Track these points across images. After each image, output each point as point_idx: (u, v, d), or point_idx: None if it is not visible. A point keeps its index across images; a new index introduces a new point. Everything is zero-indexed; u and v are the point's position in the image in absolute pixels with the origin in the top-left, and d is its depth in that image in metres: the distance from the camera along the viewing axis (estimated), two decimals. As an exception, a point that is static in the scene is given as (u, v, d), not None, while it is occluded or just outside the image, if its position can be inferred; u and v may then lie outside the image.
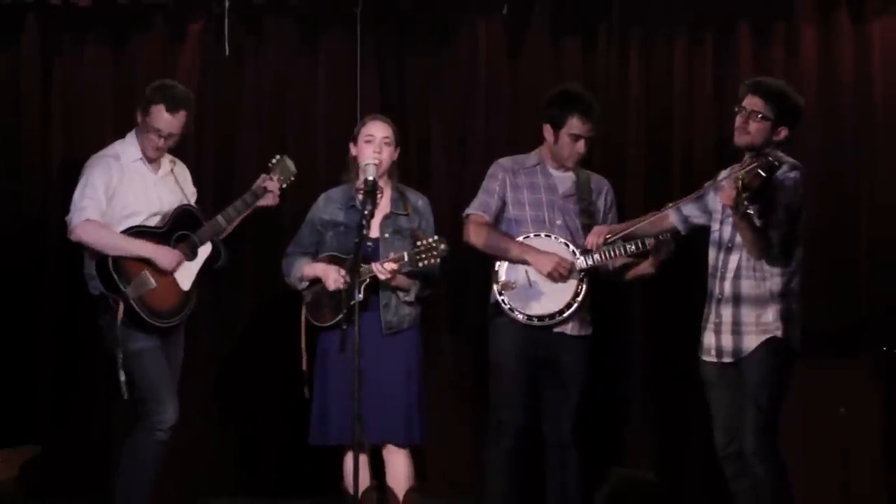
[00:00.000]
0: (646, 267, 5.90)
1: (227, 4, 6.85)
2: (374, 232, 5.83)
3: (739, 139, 5.55)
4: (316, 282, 5.92)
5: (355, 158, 5.96)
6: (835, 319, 6.57)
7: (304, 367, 5.89)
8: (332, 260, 5.89)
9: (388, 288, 5.82)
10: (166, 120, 5.90)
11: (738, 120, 5.54)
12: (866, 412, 6.60)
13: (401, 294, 5.85)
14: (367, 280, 5.72)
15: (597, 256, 5.87)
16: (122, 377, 5.78)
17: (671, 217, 5.78)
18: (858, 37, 6.66)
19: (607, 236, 5.79)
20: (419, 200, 6.02)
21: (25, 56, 7.00)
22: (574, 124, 5.92)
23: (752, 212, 5.23)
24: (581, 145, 5.96)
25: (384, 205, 5.88)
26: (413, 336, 5.90)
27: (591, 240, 5.83)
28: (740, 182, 5.19)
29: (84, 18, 6.96)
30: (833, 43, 6.68)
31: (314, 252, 5.98)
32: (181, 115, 5.94)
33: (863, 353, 6.63)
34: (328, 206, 6.00)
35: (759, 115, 5.49)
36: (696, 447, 6.43)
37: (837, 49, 6.68)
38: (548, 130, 6.00)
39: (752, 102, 5.51)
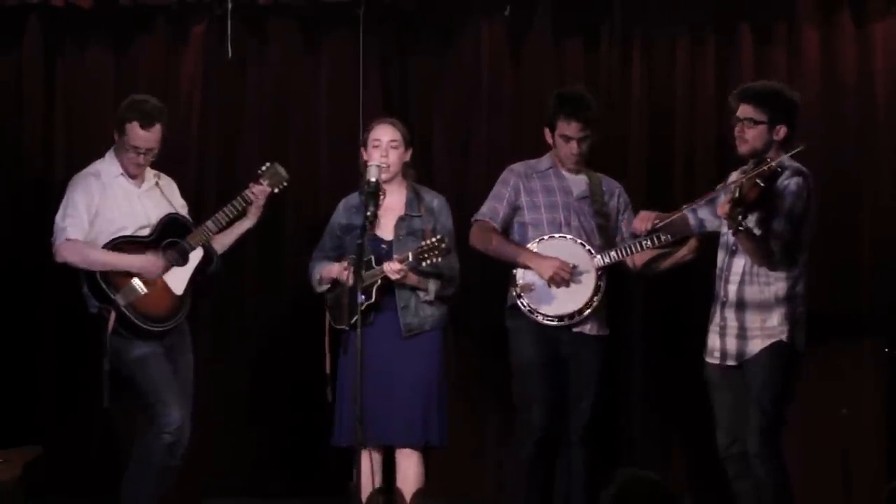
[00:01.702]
0: (684, 252, 5.87)
1: (229, 6, 6.85)
2: (389, 234, 5.87)
3: (740, 149, 5.59)
4: (336, 284, 5.93)
5: (366, 163, 5.95)
6: (835, 320, 6.54)
7: (328, 369, 5.90)
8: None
9: (407, 289, 5.83)
10: (142, 136, 5.89)
11: (736, 130, 5.58)
12: (866, 412, 6.61)
13: (420, 294, 5.86)
14: (379, 282, 5.74)
15: (613, 254, 5.88)
16: (106, 386, 5.78)
17: (689, 218, 5.78)
18: (861, 38, 6.64)
19: (655, 222, 5.71)
20: (434, 200, 6.03)
21: (27, 57, 7.01)
22: (562, 126, 5.96)
23: (743, 227, 5.24)
24: (573, 146, 5.96)
25: (398, 206, 5.91)
26: (435, 337, 5.90)
27: (639, 225, 5.76)
28: (736, 193, 5.21)
29: (86, 20, 6.96)
30: (835, 44, 6.67)
31: (336, 256, 6.00)
32: (156, 129, 5.92)
33: (863, 353, 6.64)
34: (346, 212, 6.03)
35: (752, 121, 5.52)
36: (702, 447, 6.43)
37: (840, 50, 6.67)
38: (548, 134, 6.04)
39: (743, 110, 5.56)
